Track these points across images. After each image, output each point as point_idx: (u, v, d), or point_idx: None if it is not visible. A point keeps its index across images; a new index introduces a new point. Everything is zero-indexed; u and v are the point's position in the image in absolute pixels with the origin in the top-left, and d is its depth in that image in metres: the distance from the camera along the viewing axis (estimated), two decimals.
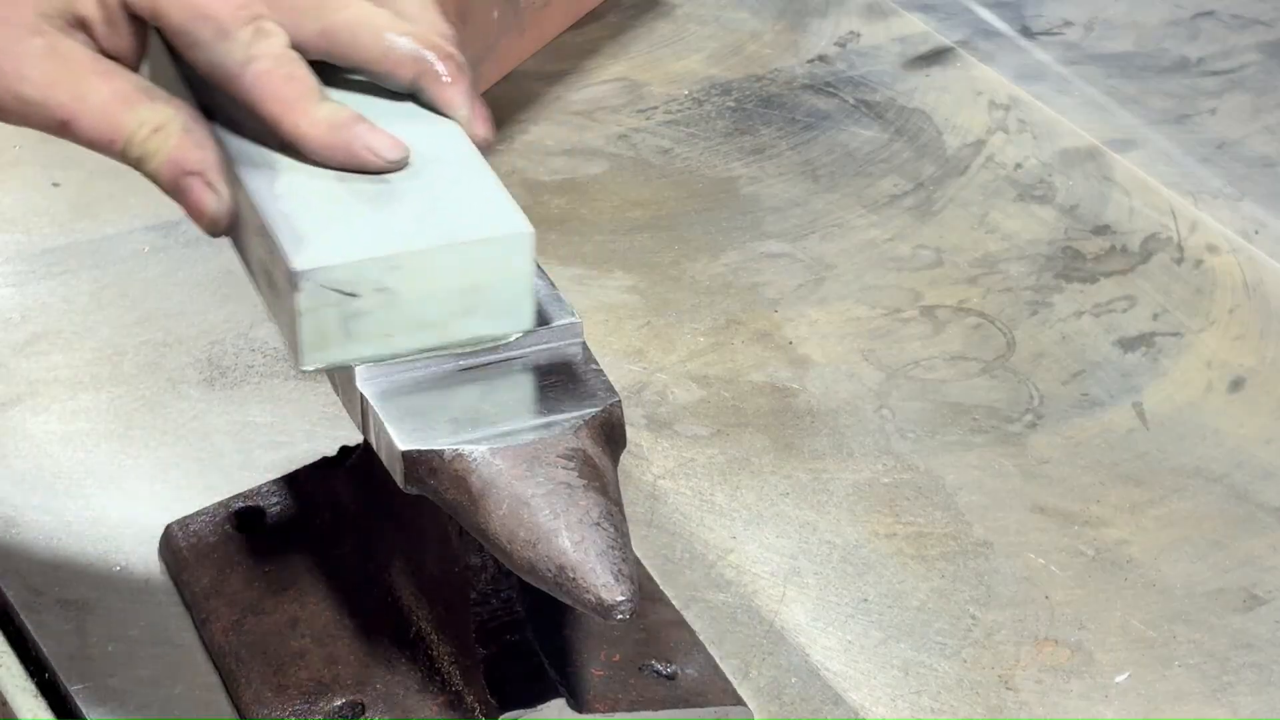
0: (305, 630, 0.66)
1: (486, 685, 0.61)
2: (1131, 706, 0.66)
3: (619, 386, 0.82)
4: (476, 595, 0.61)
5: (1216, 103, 1.07)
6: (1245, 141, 1.03)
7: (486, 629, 0.61)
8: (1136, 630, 0.69)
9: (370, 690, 0.63)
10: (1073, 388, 0.83)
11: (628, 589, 0.49)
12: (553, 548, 0.50)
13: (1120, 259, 0.92)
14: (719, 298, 0.88)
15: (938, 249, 0.93)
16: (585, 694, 0.62)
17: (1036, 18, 1.16)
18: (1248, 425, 0.81)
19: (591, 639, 0.65)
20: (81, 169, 0.95)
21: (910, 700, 0.66)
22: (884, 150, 1.02)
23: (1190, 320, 0.88)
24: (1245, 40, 1.15)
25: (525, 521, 0.50)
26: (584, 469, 0.52)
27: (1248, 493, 0.77)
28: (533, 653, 0.62)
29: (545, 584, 0.50)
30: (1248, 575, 0.72)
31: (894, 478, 0.77)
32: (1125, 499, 0.76)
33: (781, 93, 1.07)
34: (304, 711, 0.63)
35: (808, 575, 0.71)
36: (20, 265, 0.88)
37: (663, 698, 0.63)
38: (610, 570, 0.49)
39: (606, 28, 1.14)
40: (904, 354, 0.85)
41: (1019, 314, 0.88)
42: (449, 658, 0.63)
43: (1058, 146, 1.01)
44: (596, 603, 0.49)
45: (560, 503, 0.50)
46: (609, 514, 0.51)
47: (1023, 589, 0.71)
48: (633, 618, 0.50)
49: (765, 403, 0.81)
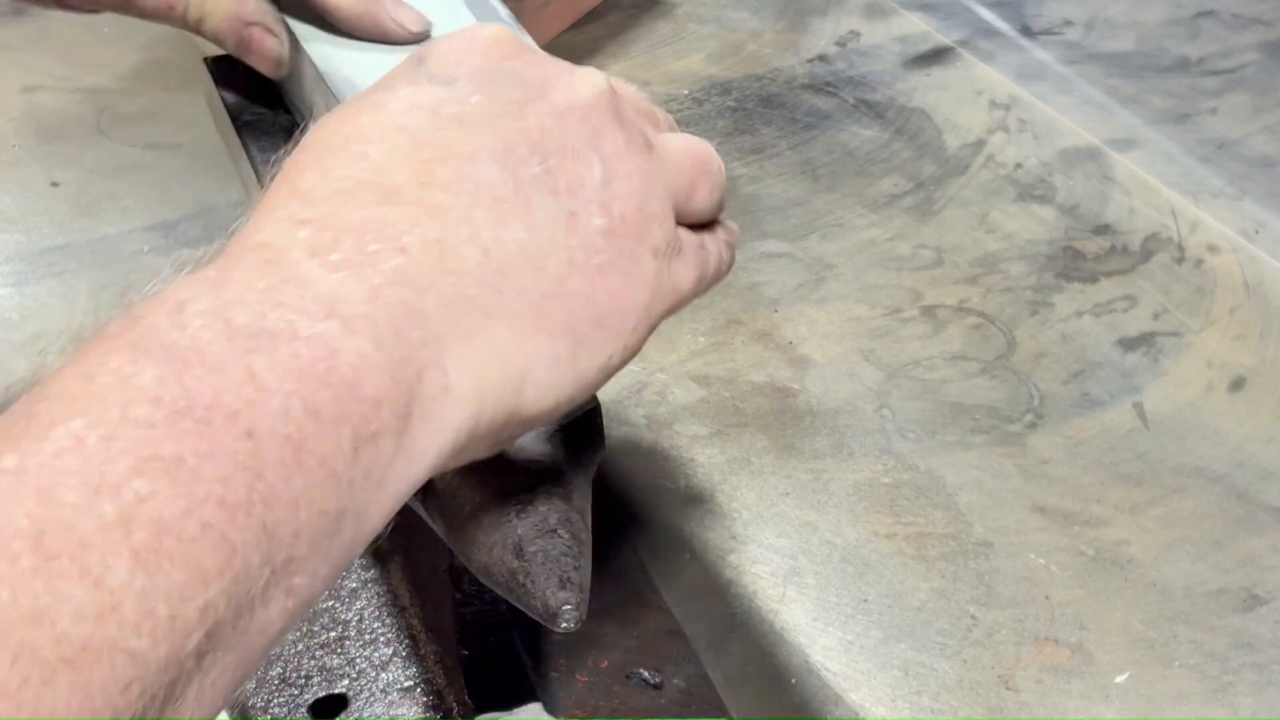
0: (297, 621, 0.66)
1: (466, 685, 0.61)
2: (1131, 707, 0.66)
3: (619, 386, 0.82)
4: (461, 596, 0.62)
5: (1217, 102, 1.07)
6: (1246, 141, 1.03)
7: (470, 629, 0.61)
8: (1137, 630, 0.69)
9: (355, 685, 0.64)
10: (1073, 388, 0.83)
11: (574, 597, 0.49)
12: (506, 552, 0.49)
13: (1120, 259, 0.92)
14: (719, 298, 0.88)
15: (938, 249, 0.93)
16: (566, 699, 0.62)
17: (1037, 17, 1.16)
18: (1248, 425, 0.81)
19: (582, 644, 0.64)
20: (81, 169, 0.95)
21: (910, 700, 0.66)
22: (884, 150, 1.02)
23: (1190, 320, 0.88)
24: (1245, 40, 1.15)
25: (484, 525, 0.50)
26: (550, 475, 0.52)
27: (1248, 493, 0.77)
28: (514, 655, 0.62)
29: (499, 588, 0.50)
30: (1248, 575, 0.72)
31: (894, 478, 0.77)
32: (1125, 499, 0.76)
33: (781, 92, 1.07)
34: (287, 703, 0.63)
35: (808, 575, 0.71)
36: (20, 265, 0.88)
37: (644, 707, 0.63)
38: (558, 577, 0.49)
39: (606, 28, 1.14)
40: (904, 354, 0.85)
41: (1019, 314, 0.88)
42: (434, 656, 0.63)
43: (1058, 146, 1.01)
44: (543, 608, 0.49)
45: (520, 508, 0.50)
46: (567, 520, 0.50)
47: (1023, 589, 0.71)
48: (578, 626, 0.49)
49: (765, 403, 0.81)
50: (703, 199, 0.51)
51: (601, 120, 0.48)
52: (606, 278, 0.46)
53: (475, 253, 0.43)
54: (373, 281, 0.40)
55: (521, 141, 0.46)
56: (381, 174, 0.43)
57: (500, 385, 0.43)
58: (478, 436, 0.43)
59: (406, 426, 0.40)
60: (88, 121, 1.00)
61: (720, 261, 0.53)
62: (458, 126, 0.45)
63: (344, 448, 0.38)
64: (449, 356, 0.41)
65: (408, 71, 0.48)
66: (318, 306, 0.39)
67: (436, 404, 0.41)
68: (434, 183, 0.44)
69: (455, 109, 0.46)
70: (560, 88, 0.47)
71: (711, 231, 0.53)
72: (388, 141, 0.44)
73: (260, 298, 0.39)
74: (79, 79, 1.05)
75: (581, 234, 0.46)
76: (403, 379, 0.40)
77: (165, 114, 1.01)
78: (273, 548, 0.36)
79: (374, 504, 0.39)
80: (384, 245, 0.41)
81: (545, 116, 0.47)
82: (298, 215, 0.42)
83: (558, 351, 0.45)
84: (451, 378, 0.41)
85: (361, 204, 0.43)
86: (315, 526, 0.37)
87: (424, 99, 0.46)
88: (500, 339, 0.43)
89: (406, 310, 0.41)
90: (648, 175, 0.48)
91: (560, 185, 0.46)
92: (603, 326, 0.46)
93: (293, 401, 0.37)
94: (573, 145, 0.47)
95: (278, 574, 0.36)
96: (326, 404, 0.38)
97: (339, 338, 0.39)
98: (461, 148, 0.45)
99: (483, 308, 0.43)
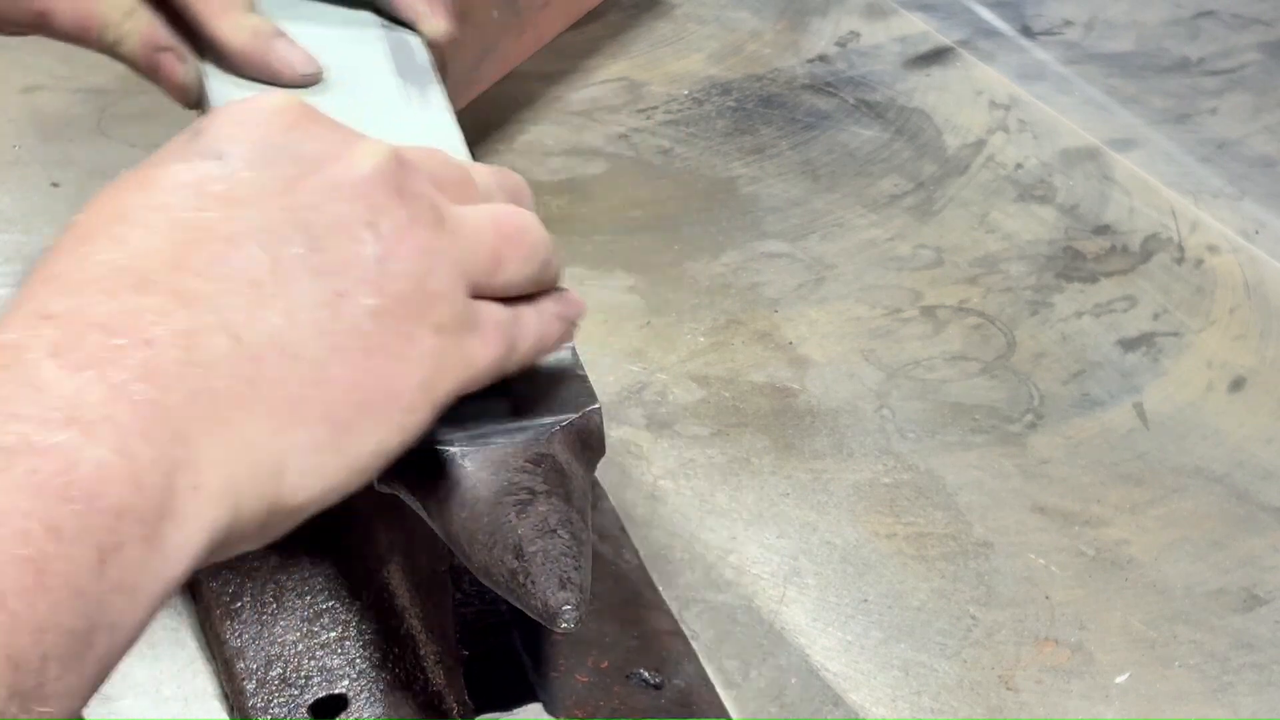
0: (296, 622, 0.66)
1: (466, 686, 0.61)
2: (1131, 707, 0.66)
3: (619, 386, 0.82)
4: (461, 596, 0.62)
5: (1217, 102, 1.07)
6: (1245, 141, 1.03)
7: (470, 630, 0.61)
8: (1137, 630, 0.69)
9: (355, 685, 0.64)
10: (1073, 388, 0.83)
11: (574, 597, 0.49)
12: (506, 551, 0.49)
13: (1120, 259, 0.92)
14: (719, 298, 0.88)
15: (938, 249, 0.93)
16: (565, 699, 0.62)
17: (1037, 17, 1.17)
18: (1248, 425, 0.81)
19: (582, 645, 0.64)
20: (81, 169, 0.95)
21: (910, 700, 0.66)
22: (884, 150, 1.02)
23: (1190, 320, 0.88)
24: (1245, 40, 1.15)
25: (484, 524, 0.50)
26: (550, 475, 0.52)
27: (1248, 493, 0.77)
28: (514, 655, 0.62)
29: (499, 588, 0.50)
30: (1248, 575, 0.72)
31: (894, 478, 0.77)
32: (1125, 499, 0.76)
33: (781, 92, 1.07)
34: (287, 703, 0.63)
35: (808, 575, 0.71)
36: (20, 265, 0.88)
37: (645, 707, 0.63)
38: (558, 577, 0.49)
39: (606, 28, 1.14)
40: (904, 354, 0.85)
41: (1019, 314, 0.88)
42: (434, 656, 0.63)
43: (1058, 146, 1.01)
44: (542, 608, 0.49)
45: (520, 508, 0.50)
46: (567, 521, 0.50)
47: (1023, 589, 0.71)
48: (578, 626, 0.49)
49: (765, 403, 0.81)
50: (512, 271, 0.49)
51: (380, 195, 0.45)
52: (374, 359, 0.44)
53: (225, 342, 0.41)
54: (115, 379, 0.38)
55: (287, 221, 0.44)
56: (136, 259, 0.41)
57: (254, 478, 0.41)
58: (238, 531, 0.41)
59: (156, 532, 0.38)
60: (88, 121, 1.00)
61: (542, 336, 0.51)
62: (221, 207, 0.43)
63: (89, 563, 0.36)
64: (199, 453, 0.40)
65: (181, 145, 0.46)
66: (57, 414, 0.37)
67: (188, 504, 0.39)
68: (188, 268, 0.42)
69: (221, 187, 0.44)
70: (338, 162, 0.45)
71: (535, 303, 0.51)
72: (147, 224, 0.42)
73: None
74: (79, 79, 1.05)
75: (349, 316, 0.44)
76: (148, 484, 0.38)
77: (165, 114, 1.01)
78: (18, 678, 0.35)
79: (127, 614, 0.38)
80: (129, 339, 0.39)
81: (316, 193, 0.44)
82: (45, 309, 0.40)
83: (317, 439, 0.43)
84: (202, 475, 0.40)
85: (112, 294, 0.40)
86: (64, 648, 0.36)
87: (190, 177, 0.44)
88: (251, 432, 0.41)
89: (151, 408, 0.39)
90: (432, 252, 0.46)
91: (326, 266, 0.44)
92: (369, 411, 0.44)
93: (31, 522, 0.35)
94: (345, 222, 0.45)
95: (28, 702, 0.35)
96: (67, 520, 0.36)
97: (79, 447, 0.37)
98: (222, 229, 0.43)
99: (232, 400, 0.41)
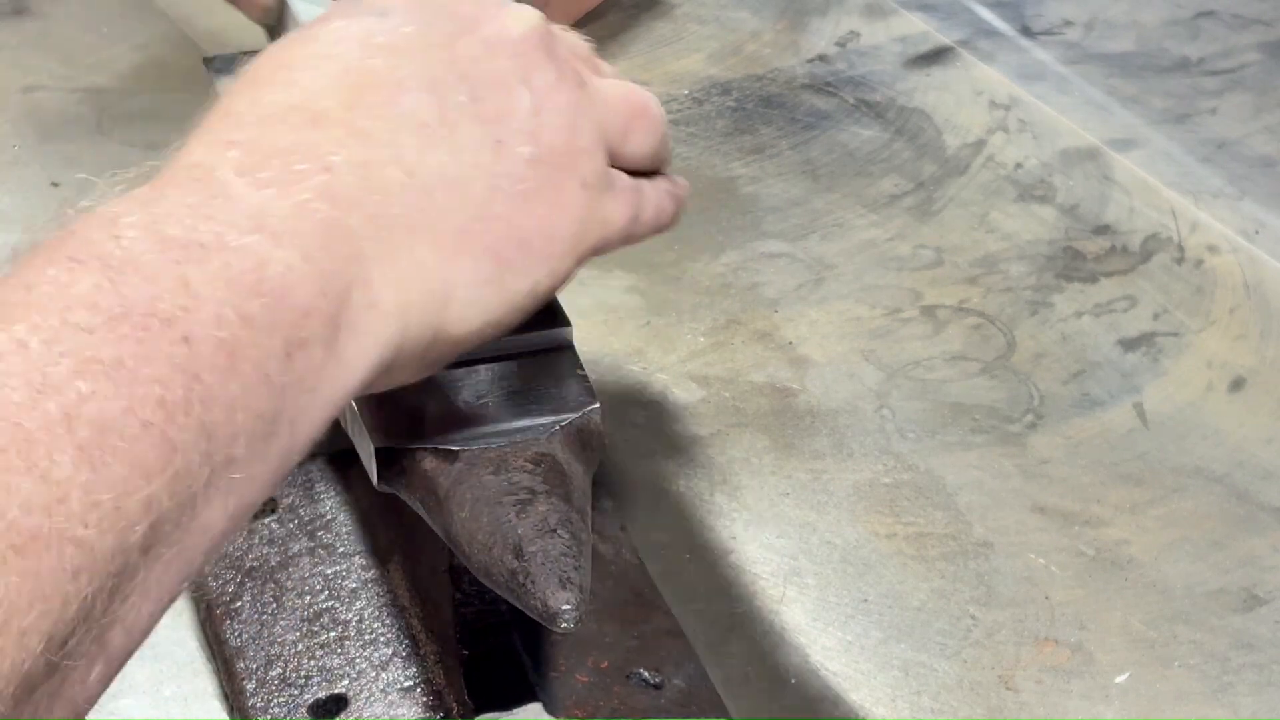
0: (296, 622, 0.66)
1: (465, 686, 0.61)
2: (1131, 707, 0.66)
3: (619, 387, 0.82)
4: (461, 596, 0.61)
5: (1217, 102, 1.07)
6: (1245, 141, 1.03)
7: (470, 629, 0.61)
8: (1136, 630, 0.69)
9: (355, 685, 0.64)
10: (1073, 388, 0.83)
11: (574, 597, 0.49)
12: (506, 551, 0.49)
13: (1120, 259, 0.92)
14: (719, 298, 0.88)
15: (938, 249, 0.93)
16: (565, 699, 0.62)
17: (1036, 17, 1.16)
18: (1248, 425, 0.81)
19: (582, 645, 0.64)
20: (81, 169, 0.95)
21: (910, 700, 0.66)
22: (884, 150, 1.02)
23: (1190, 320, 0.87)
24: (1245, 40, 1.15)
25: (484, 524, 0.50)
26: (550, 475, 0.52)
27: (1248, 493, 0.77)
28: (514, 655, 0.62)
29: (499, 588, 0.50)
30: (1248, 575, 0.72)
31: (894, 478, 0.77)
32: (1125, 499, 0.76)
33: (781, 92, 1.07)
34: (287, 703, 0.63)
35: (808, 575, 0.71)
36: None
37: (645, 707, 0.63)
38: (558, 577, 0.49)
39: (606, 28, 1.14)
40: (904, 354, 0.85)
41: (1019, 314, 0.88)
42: (434, 656, 0.63)
43: (1058, 146, 1.01)
44: (542, 608, 0.49)
45: (520, 507, 0.50)
46: (567, 520, 0.50)
47: (1023, 589, 0.71)
48: (578, 626, 0.49)
49: (765, 403, 0.81)
50: (638, 142, 0.52)
51: (532, 54, 0.49)
52: (532, 204, 0.47)
53: (399, 174, 0.44)
54: (298, 198, 0.41)
55: (450, 71, 0.47)
56: (309, 99, 0.44)
57: (424, 302, 0.44)
58: (405, 353, 0.44)
59: (335, 337, 0.41)
60: (88, 121, 1.00)
61: (660, 209, 0.54)
62: (387, 55, 0.46)
63: (277, 354, 0.39)
64: (373, 273, 0.42)
65: (345, 6, 0.49)
66: (246, 220, 0.40)
67: (363, 318, 0.42)
68: (360, 107, 0.45)
69: (386, 39, 0.47)
70: (493, 22, 0.49)
71: (652, 180, 0.54)
72: (317, 69, 0.45)
73: (190, 212, 0.40)
74: (79, 79, 1.05)
75: (508, 161, 0.47)
76: (330, 291, 0.41)
77: (165, 114, 1.01)
78: (212, 447, 0.37)
79: (308, 411, 0.40)
80: (310, 165, 0.42)
81: (475, 48, 0.48)
82: (227, 137, 0.43)
83: (481, 272, 0.46)
84: (376, 293, 0.42)
85: (289, 127, 0.44)
86: (252, 429, 0.38)
87: (355, 30, 0.47)
88: (424, 257, 0.44)
89: (331, 226, 0.42)
90: (578, 110, 0.49)
91: (487, 114, 0.47)
92: (528, 251, 0.47)
93: (225, 309, 0.38)
94: (502, 76, 0.48)
95: (218, 473, 0.37)
96: (258, 312, 0.39)
97: (267, 249, 0.40)
98: (390, 75, 0.46)
99: (405, 227, 0.44)
